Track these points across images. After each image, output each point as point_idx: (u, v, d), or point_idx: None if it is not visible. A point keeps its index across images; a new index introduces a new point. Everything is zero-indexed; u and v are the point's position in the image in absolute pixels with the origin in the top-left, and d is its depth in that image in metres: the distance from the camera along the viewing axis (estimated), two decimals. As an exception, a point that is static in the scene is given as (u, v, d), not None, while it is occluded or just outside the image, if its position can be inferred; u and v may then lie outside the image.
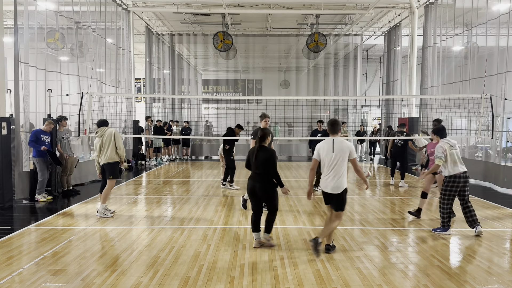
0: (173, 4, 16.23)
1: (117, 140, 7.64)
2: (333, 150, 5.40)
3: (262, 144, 5.84)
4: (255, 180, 5.79)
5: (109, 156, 7.57)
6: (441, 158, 6.32)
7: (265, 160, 5.70)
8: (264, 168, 5.71)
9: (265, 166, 5.71)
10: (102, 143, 7.62)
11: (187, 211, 8.13)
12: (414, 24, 16.09)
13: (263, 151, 5.78)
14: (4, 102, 8.75)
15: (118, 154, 7.68)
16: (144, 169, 15.21)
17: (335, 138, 5.51)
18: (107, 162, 7.59)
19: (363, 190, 10.54)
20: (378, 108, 23.38)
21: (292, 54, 22.63)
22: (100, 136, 7.67)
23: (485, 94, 10.38)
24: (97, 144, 7.70)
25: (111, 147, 7.58)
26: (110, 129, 7.75)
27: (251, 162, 5.87)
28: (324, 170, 5.51)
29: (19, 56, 9.31)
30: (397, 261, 5.33)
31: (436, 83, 15.03)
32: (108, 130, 7.71)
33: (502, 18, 11.23)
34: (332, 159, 5.41)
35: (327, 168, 5.46)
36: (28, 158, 9.52)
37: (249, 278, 4.74)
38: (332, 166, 5.40)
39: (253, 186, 5.79)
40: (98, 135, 7.70)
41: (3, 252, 5.61)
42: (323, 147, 5.52)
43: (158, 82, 20.44)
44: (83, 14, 12.51)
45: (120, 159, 7.76)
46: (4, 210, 8.17)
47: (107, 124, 7.95)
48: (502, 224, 7.24)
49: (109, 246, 5.90)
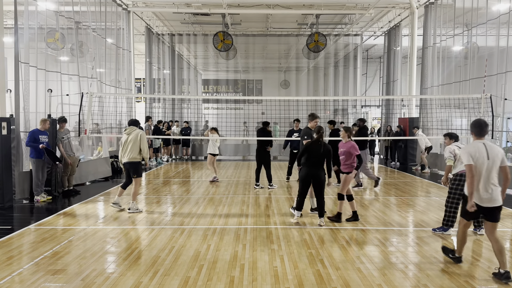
0: (173, 4, 16.23)
1: (142, 142, 7.95)
2: (488, 156, 4.78)
3: (321, 140, 6.97)
4: (314, 169, 6.93)
5: (131, 156, 7.89)
6: (450, 159, 6.39)
7: (327, 152, 6.94)
8: (323, 159, 6.95)
9: (325, 158, 6.96)
10: (127, 142, 7.92)
11: (187, 211, 8.13)
12: (414, 24, 16.09)
13: (325, 146, 6.95)
14: (4, 102, 8.76)
15: (142, 155, 8.02)
16: (144, 169, 15.21)
17: (485, 142, 4.88)
18: (129, 161, 7.92)
19: (363, 190, 10.55)
20: (378, 108, 23.38)
21: (292, 54, 22.63)
22: (128, 134, 7.97)
23: (485, 94, 10.38)
24: (122, 140, 8.04)
25: (135, 147, 7.88)
26: (138, 130, 8.08)
27: (312, 155, 6.90)
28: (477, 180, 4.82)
29: (19, 56, 9.31)
30: (397, 261, 5.33)
31: (436, 83, 15.03)
32: (136, 131, 8.04)
33: (502, 18, 11.23)
34: (488, 166, 4.77)
35: (483, 178, 4.79)
36: (28, 158, 9.52)
37: (249, 278, 4.74)
38: (487, 174, 4.77)
39: (311, 174, 6.92)
40: (126, 132, 8.05)
41: (3, 252, 5.62)
42: (474, 153, 4.79)
43: (158, 82, 20.44)
44: (83, 14, 12.50)
45: (144, 160, 8.17)
46: (4, 210, 8.17)
47: (137, 124, 8.28)
48: (502, 224, 7.23)
49: (109, 246, 5.90)
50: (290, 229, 6.80)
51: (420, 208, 8.55)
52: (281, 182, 11.95)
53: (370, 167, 16.19)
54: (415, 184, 11.61)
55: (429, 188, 11.06)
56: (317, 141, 6.96)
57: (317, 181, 6.96)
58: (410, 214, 8.02)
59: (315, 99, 19.92)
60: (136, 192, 8.08)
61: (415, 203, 9.10)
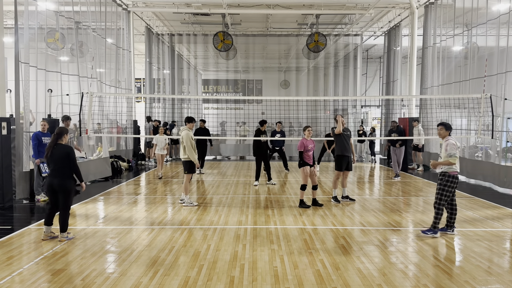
0: (173, 4, 16.23)
1: (185, 142, 8.41)
2: None
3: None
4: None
5: (182, 154, 8.54)
6: (456, 156, 6.14)
7: None
8: None
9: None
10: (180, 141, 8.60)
11: (187, 211, 8.13)
12: (414, 24, 16.08)
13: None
14: (4, 102, 8.76)
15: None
16: (144, 169, 15.21)
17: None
18: (182, 159, 8.58)
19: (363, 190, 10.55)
20: (378, 108, 23.38)
21: (292, 54, 22.62)
22: (180, 132, 8.65)
23: (485, 94, 10.38)
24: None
25: (183, 147, 8.47)
26: (184, 131, 8.44)
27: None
28: None
29: (19, 56, 9.31)
30: (397, 261, 5.33)
31: (436, 83, 15.03)
32: (184, 132, 8.43)
33: (502, 18, 11.23)
34: None
35: None
36: (29, 158, 9.52)
37: (249, 278, 4.74)
38: None
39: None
40: (179, 131, 8.74)
41: (3, 252, 5.62)
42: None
43: (158, 82, 20.44)
44: (83, 14, 12.51)
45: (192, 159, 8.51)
46: (4, 210, 8.18)
47: (188, 121, 8.67)
48: (502, 224, 7.24)
49: (109, 246, 5.90)
50: (290, 229, 6.80)
51: (420, 208, 8.55)
52: (280, 182, 11.95)
53: (371, 167, 16.18)
54: (415, 184, 11.61)
55: (429, 188, 11.06)
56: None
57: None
58: (410, 214, 8.02)
59: (315, 99, 19.93)
60: (186, 187, 8.63)
61: (415, 203, 9.10)
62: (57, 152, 6.01)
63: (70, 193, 6.07)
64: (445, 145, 6.27)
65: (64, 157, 5.99)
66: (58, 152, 6.00)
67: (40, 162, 8.87)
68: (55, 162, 5.99)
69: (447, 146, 6.22)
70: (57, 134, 6.10)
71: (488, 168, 11.21)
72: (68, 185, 6.00)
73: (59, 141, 6.08)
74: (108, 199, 9.42)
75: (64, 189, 5.98)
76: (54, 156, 5.99)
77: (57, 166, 5.98)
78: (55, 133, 6.13)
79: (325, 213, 7.95)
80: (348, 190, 10.08)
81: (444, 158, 6.24)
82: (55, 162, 5.99)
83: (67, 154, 6.01)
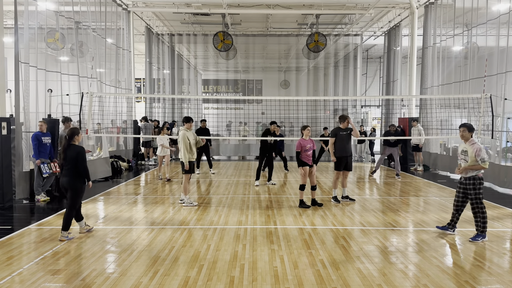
0: (173, 4, 16.23)
1: (179, 143, 8.39)
2: None
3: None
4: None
5: (180, 155, 8.48)
6: (487, 160, 6.09)
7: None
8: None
9: None
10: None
11: (187, 211, 8.13)
12: (414, 24, 16.08)
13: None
14: (4, 102, 8.76)
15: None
16: (144, 169, 15.21)
17: None
18: (180, 159, 8.52)
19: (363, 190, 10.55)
20: (378, 108, 23.38)
21: (292, 54, 22.62)
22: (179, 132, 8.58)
23: (485, 94, 10.37)
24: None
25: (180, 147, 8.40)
26: (181, 131, 8.40)
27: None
28: None
29: (19, 56, 9.31)
30: (397, 261, 5.33)
31: (436, 83, 15.02)
32: (180, 132, 8.40)
33: (502, 18, 11.23)
34: None
35: None
36: (29, 157, 9.52)
37: (249, 278, 4.74)
38: None
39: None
40: (180, 130, 8.57)
41: (3, 252, 5.62)
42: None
43: (158, 82, 20.44)
44: (83, 14, 12.50)
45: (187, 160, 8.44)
46: (4, 210, 8.18)
47: (186, 121, 8.59)
48: (502, 224, 7.24)
49: (109, 246, 5.90)
50: (290, 229, 6.80)
51: (420, 208, 8.55)
52: (280, 182, 11.95)
53: (371, 167, 16.18)
54: (415, 184, 11.61)
55: (429, 188, 11.06)
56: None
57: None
58: (410, 214, 8.02)
59: (315, 99, 19.93)
60: (185, 187, 8.64)
61: (415, 203, 9.10)
62: (70, 153, 6.21)
63: (78, 192, 6.25)
64: (473, 150, 6.14)
65: (74, 157, 6.17)
66: (70, 153, 6.21)
67: (41, 163, 8.87)
68: (68, 162, 6.20)
69: (477, 151, 6.11)
70: (68, 136, 6.30)
71: (488, 168, 11.19)
72: (76, 184, 6.20)
73: (72, 142, 6.28)
74: (108, 199, 9.43)
75: (72, 188, 6.19)
76: (67, 158, 6.20)
77: (69, 165, 6.20)
78: (66, 136, 6.36)
79: (325, 213, 7.95)
80: (348, 190, 10.09)
81: (472, 162, 6.16)
82: (68, 162, 6.20)
83: (76, 153, 6.18)
